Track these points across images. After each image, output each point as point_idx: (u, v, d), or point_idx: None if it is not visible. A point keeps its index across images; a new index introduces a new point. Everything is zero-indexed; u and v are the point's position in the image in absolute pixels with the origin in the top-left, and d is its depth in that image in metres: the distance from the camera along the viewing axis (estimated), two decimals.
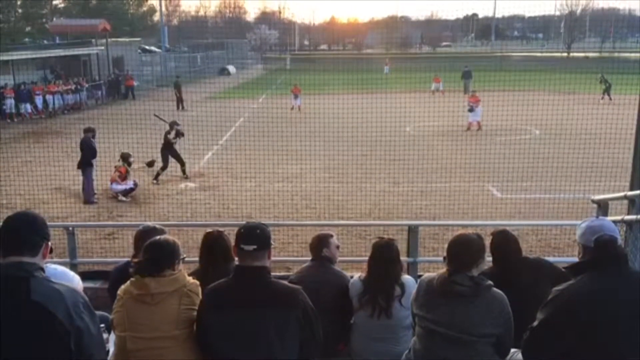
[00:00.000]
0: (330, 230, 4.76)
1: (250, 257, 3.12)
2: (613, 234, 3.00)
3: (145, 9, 67.89)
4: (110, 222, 10.97)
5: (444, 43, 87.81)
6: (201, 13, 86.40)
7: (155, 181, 13.99)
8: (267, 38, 77.50)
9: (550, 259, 4.91)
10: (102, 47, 36.58)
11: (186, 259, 3.44)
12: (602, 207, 5.13)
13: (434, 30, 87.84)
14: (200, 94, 22.67)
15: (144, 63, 40.81)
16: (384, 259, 3.95)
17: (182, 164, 14.59)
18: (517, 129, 19.85)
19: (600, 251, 2.94)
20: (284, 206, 11.80)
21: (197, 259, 4.15)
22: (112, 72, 35.55)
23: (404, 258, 6.19)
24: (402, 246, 5.93)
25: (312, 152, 13.06)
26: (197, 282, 3.31)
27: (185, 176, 14.51)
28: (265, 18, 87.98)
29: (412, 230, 6.14)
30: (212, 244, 4.01)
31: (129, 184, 12.83)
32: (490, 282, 3.07)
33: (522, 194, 12.37)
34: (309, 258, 4.44)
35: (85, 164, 12.59)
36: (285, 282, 3.40)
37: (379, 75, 32.85)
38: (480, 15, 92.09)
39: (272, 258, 3.28)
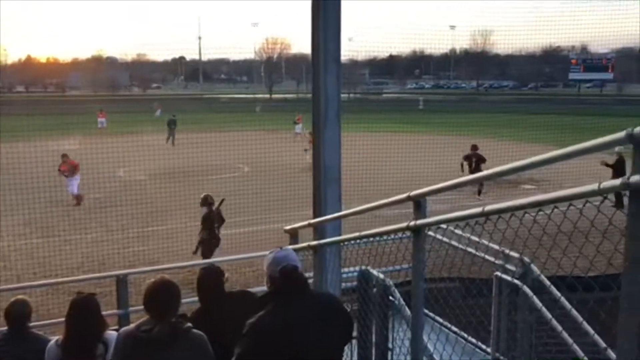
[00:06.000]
0: (33, 291, 4.31)
1: None
2: (295, 263, 3.32)
3: None
4: None
5: (154, 84, 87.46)
6: None
7: None
8: None
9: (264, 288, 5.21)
10: None
11: None
12: (293, 236, 5.67)
13: (143, 71, 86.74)
14: None
15: None
16: (83, 316, 3.72)
17: None
18: (228, 167, 20.80)
19: (285, 280, 3.20)
20: None
21: None
22: None
23: (115, 311, 5.96)
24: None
25: (7, 205, 11.65)
26: None
27: None
28: None
29: (121, 280, 5.91)
30: None
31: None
32: (188, 324, 3.13)
33: (237, 229, 12.96)
34: None
35: None
36: None
37: (89, 118, 31.19)
38: (188, 58, 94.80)
39: None
